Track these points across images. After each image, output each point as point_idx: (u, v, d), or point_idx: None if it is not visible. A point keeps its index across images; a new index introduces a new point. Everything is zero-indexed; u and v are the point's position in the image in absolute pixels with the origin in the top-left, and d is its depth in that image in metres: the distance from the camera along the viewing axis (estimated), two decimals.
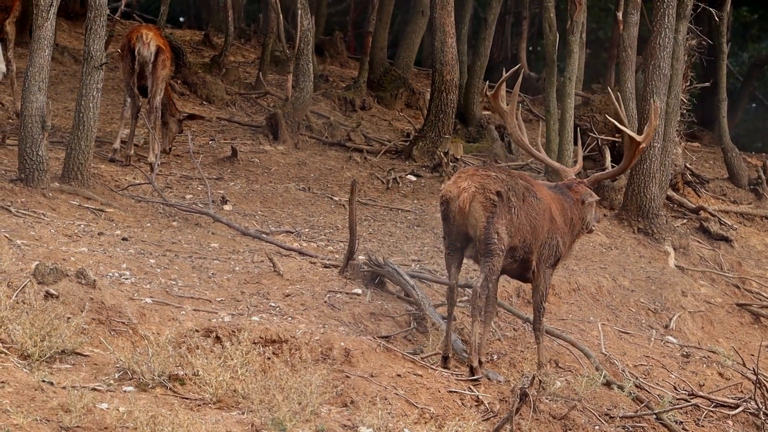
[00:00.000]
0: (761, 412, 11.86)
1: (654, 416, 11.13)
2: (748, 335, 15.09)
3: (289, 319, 10.84)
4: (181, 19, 32.65)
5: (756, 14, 32.55)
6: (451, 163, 17.94)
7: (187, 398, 8.99)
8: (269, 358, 9.77)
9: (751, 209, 19.98)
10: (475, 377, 10.42)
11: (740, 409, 11.96)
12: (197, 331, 9.85)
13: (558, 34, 17.81)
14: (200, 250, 12.79)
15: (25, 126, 13.36)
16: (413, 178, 17.77)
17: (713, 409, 11.91)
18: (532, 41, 31.51)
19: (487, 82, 12.17)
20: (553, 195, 11.06)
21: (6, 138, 15.42)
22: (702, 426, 11.62)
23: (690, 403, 11.79)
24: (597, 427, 10.57)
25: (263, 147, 18.04)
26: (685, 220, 18.23)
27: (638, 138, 11.21)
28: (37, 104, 13.35)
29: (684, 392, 12.16)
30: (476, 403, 10.10)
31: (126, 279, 11.11)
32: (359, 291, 11.82)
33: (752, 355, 13.68)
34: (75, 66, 20.15)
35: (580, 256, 15.10)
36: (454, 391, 10.12)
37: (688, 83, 18.93)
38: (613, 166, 17.10)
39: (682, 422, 11.40)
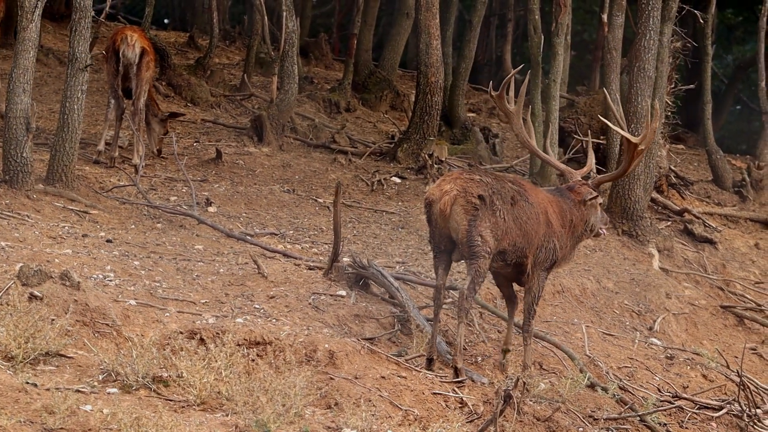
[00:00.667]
0: (745, 414, 11.88)
1: (638, 418, 11.14)
2: (732, 337, 15.12)
3: (274, 320, 10.83)
4: (166, 20, 32.62)
5: (740, 16, 32.67)
6: (435, 165, 17.95)
7: (171, 400, 8.98)
8: (253, 360, 9.76)
9: (735, 211, 20.03)
10: (459, 379, 10.42)
11: (724, 411, 11.96)
12: (181, 332, 9.84)
13: (543, 36, 17.83)
14: (184, 252, 12.78)
15: (10, 128, 13.34)
16: (398, 180, 17.77)
17: (697, 411, 11.92)
18: (517, 43, 31.56)
19: (491, 83, 12.08)
20: (550, 198, 10.99)
21: None
22: (686, 428, 11.63)
23: (674, 405, 11.79)
24: (581, 429, 10.57)
25: (248, 149, 18.02)
26: (669, 223, 18.25)
27: (634, 140, 11.13)
28: (21, 106, 13.33)
29: (668, 394, 12.16)
30: (460, 405, 10.10)
31: (110, 281, 11.09)
32: (343, 293, 11.81)
33: (736, 357, 13.70)
34: (60, 68, 20.10)
35: None
36: (439, 393, 10.12)
37: (672, 85, 18.96)
38: (599, 169, 17.16)
39: (666, 424, 11.40)
